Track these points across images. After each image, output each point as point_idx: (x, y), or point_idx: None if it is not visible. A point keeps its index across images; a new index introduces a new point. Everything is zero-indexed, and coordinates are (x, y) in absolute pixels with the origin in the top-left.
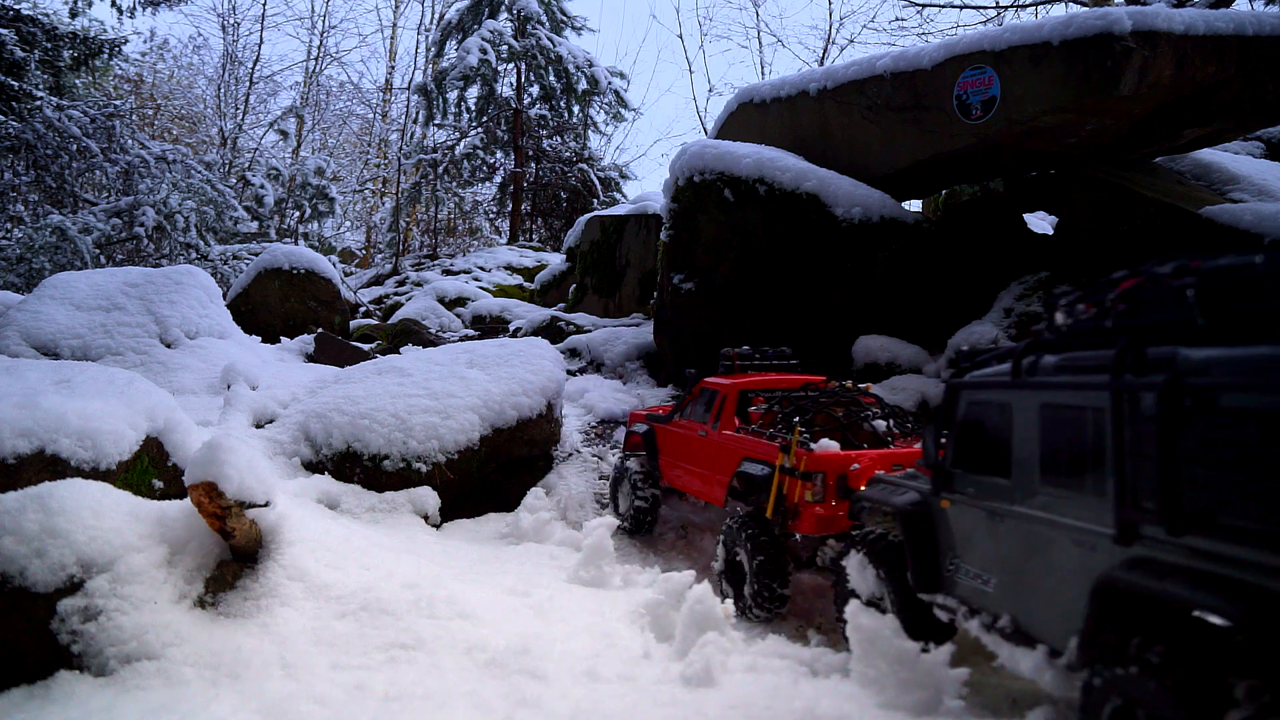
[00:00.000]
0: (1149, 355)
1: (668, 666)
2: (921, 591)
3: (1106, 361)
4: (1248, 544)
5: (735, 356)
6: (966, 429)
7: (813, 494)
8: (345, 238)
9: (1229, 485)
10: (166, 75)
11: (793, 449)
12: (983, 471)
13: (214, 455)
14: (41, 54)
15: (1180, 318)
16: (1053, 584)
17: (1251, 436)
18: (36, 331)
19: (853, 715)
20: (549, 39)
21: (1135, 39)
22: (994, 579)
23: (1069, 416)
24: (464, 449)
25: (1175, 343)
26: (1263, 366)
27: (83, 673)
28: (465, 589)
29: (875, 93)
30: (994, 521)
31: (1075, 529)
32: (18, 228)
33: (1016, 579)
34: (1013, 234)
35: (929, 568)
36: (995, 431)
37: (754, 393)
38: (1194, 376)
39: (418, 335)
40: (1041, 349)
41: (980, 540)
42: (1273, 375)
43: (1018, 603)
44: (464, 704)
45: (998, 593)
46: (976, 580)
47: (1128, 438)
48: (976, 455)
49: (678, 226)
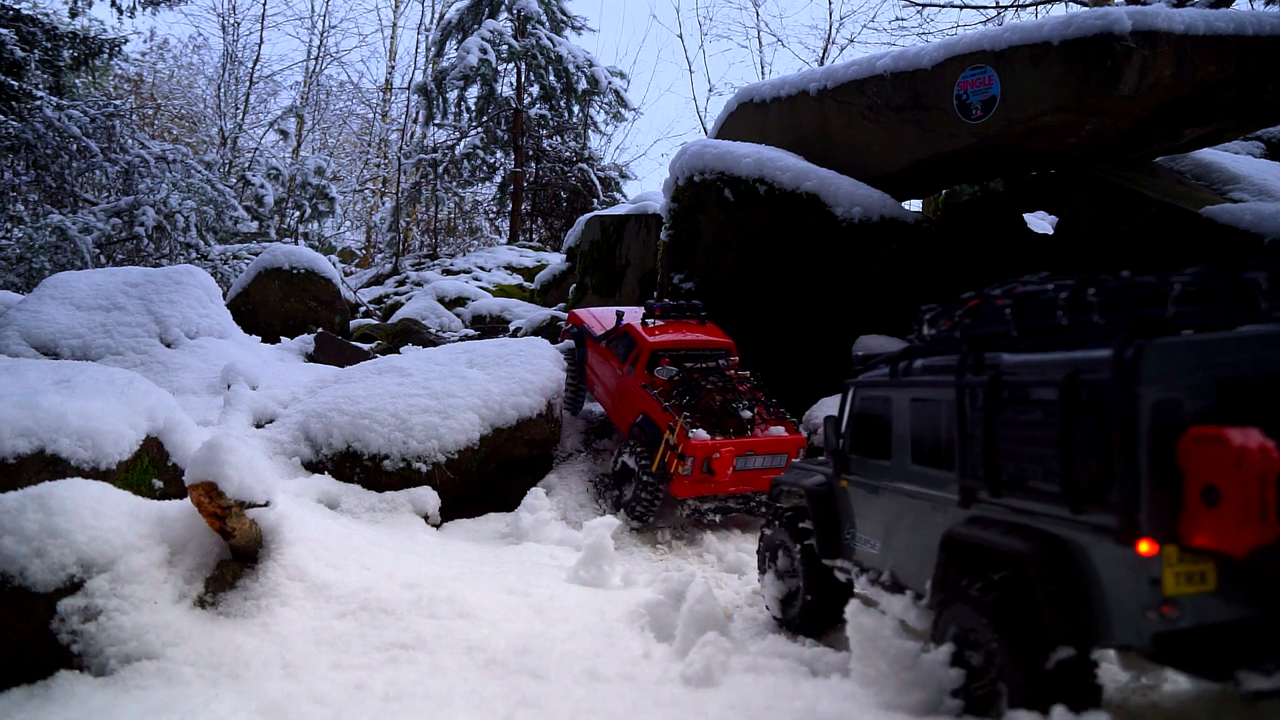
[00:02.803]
0: (984, 359)
1: (668, 666)
2: (825, 558)
3: (954, 364)
4: (1041, 501)
5: (658, 308)
6: (859, 420)
7: (685, 470)
8: (345, 238)
9: (1030, 457)
10: (166, 75)
11: (678, 432)
12: (871, 455)
13: (214, 455)
14: (41, 54)
15: (1003, 330)
16: (918, 543)
17: (1041, 419)
18: (36, 331)
19: (853, 715)
20: (549, 39)
21: (1135, 39)
22: (879, 542)
23: (929, 408)
24: (464, 449)
25: (1000, 350)
26: (1047, 366)
27: (83, 672)
28: (465, 589)
29: (875, 93)
30: (879, 495)
31: (934, 497)
32: (18, 228)
33: (894, 541)
34: (1013, 234)
35: (831, 537)
36: (879, 422)
37: (664, 352)
38: (1008, 375)
39: (418, 335)
40: (913, 354)
41: (869, 512)
42: (1054, 372)
43: (894, 560)
44: (464, 704)
45: (881, 553)
46: (866, 545)
47: (967, 423)
48: (866, 442)
49: (678, 226)
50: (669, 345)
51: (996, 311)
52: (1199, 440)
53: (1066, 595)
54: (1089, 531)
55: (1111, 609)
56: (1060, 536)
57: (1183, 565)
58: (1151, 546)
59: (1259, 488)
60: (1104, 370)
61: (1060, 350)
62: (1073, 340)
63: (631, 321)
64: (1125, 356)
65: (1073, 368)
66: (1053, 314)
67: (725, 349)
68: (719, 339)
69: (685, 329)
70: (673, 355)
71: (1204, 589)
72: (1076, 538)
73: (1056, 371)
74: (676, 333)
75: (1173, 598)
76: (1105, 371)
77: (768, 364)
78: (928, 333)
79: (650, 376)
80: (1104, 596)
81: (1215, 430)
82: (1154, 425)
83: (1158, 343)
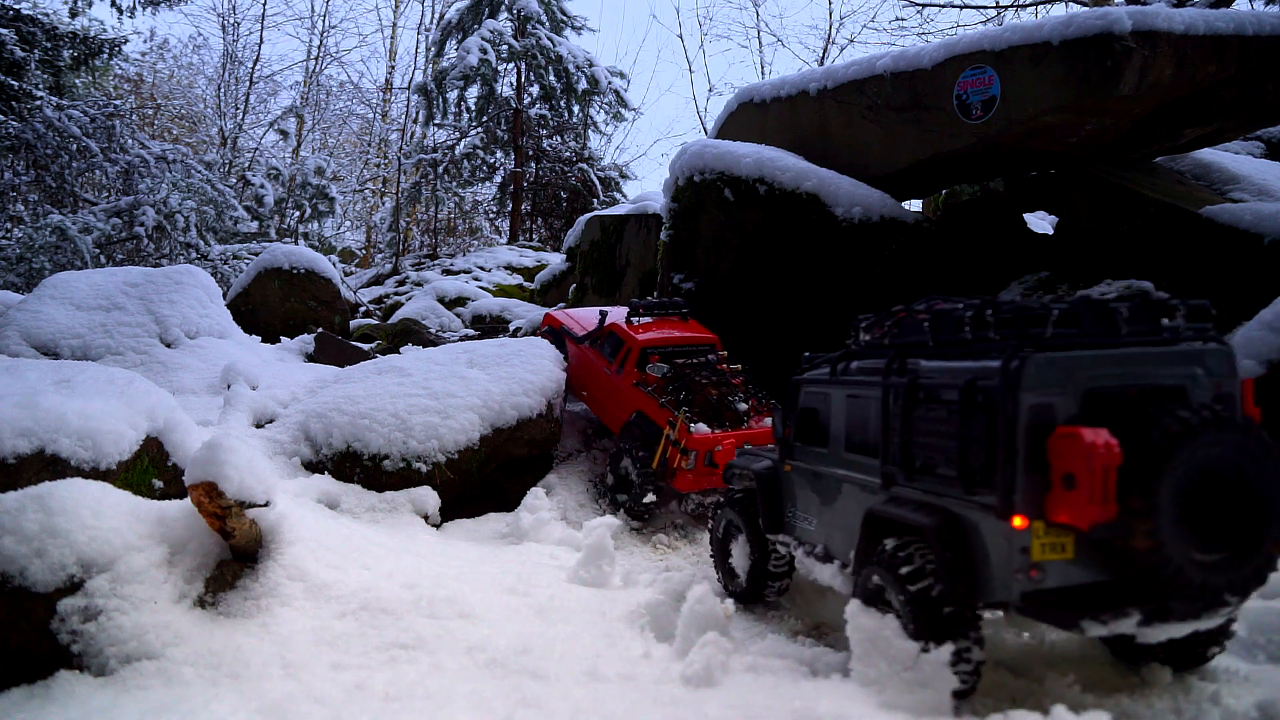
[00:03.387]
0: (906, 364)
1: (668, 666)
2: (769, 532)
3: (882, 367)
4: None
5: (640, 306)
6: (803, 413)
7: (688, 464)
8: (345, 238)
9: (936, 448)
10: (166, 75)
11: (679, 427)
12: (811, 443)
13: (214, 455)
14: (41, 54)
15: (922, 340)
16: (846, 519)
17: (946, 417)
18: (36, 331)
19: (852, 715)
20: (549, 39)
21: (1135, 39)
22: (815, 520)
23: (861, 404)
24: (464, 449)
25: (919, 357)
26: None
27: (83, 672)
28: (466, 589)
29: (875, 93)
30: (816, 479)
31: (861, 481)
32: (18, 228)
33: (827, 518)
34: (1013, 234)
35: (775, 515)
36: (820, 415)
37: (653, 350)
38: (923, 379)
39: (418, 335)
40: (850, 357)
41: (808, 493)
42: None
43: (827, 534)
44: (464, 704)
45: (816, 529)
46: (805, 521)
47: (889, 418)
48: (808, 432)
49: (678, 226)
50: (658, 343)
51: (917, 324)
52: (1063, 437)
53: (958, 560)
54: (977, 509)
55: (991, 571)
56: (956, 513)
57: (1048, 537)
58: (1023, 521)
59: (1103, 476)
60: (994, 378)
61: (964, 360)
62: (973, 352)
63: (616, 321)
64: (1010, 368)
65: (971, 375)
66: (961, 329)
67: (711, 344)
68: (704, 335)
69: (670, 326)
70: (662, 352)
71: (1064, 557)
72: (968, 514)
73: (958, 377)
74: (662, 330)
75: (1038, 563)
76: (995, 379)
77: (768, 363)
78: (863, 338)
79: (641, 374)
80: (986, 561)
81: (1075, 429)
82: (1030, 424)
83: (1037, 357)
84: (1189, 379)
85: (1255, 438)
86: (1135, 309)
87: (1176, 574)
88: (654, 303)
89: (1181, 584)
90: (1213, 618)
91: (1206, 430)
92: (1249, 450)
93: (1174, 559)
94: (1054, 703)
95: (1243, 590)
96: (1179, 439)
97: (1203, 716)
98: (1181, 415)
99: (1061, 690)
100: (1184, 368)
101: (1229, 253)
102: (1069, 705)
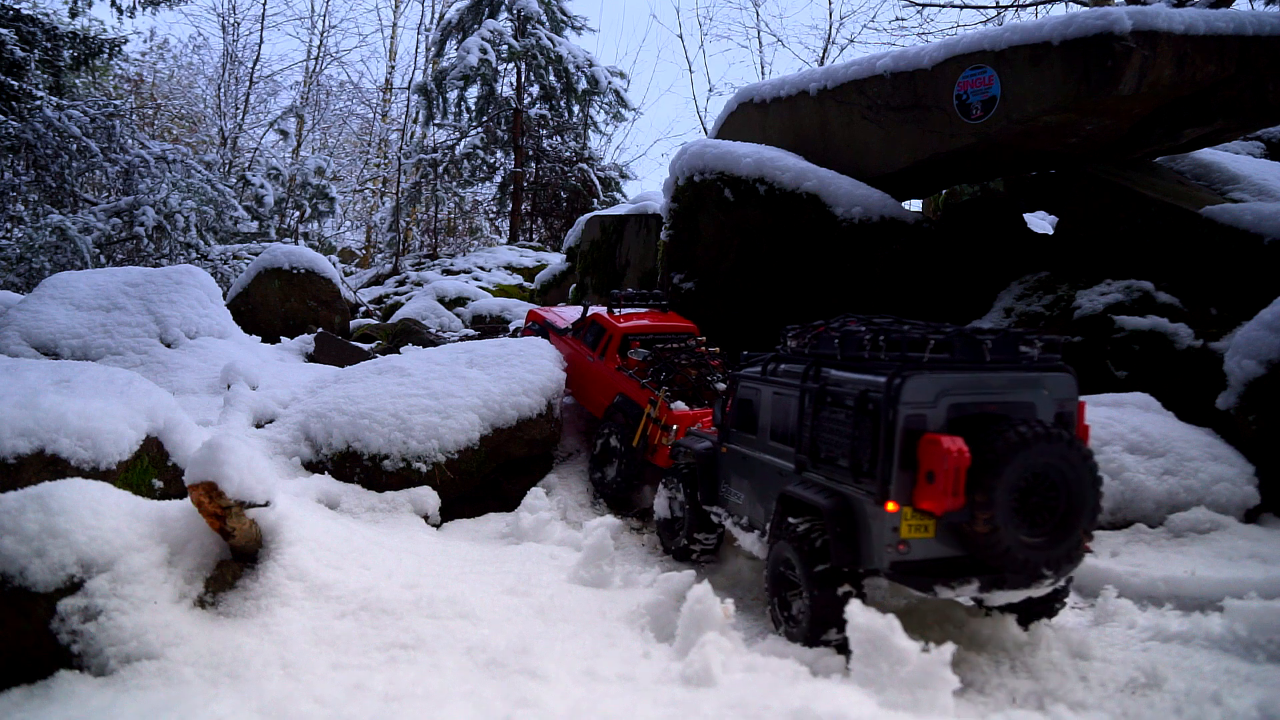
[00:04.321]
0: (820, 372)
1: (667, 666)
2: (705, 504)
3: (801, 372)
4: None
5: (621, 297)
6: (739, 404)
7: (668, 440)
8: (345, 237)
9: (837, 444)
10: (166, 75)
11: (659, 405)
12: (744, 430)
13: (214, 455)
14: (41, 54)
15: (833, 354)
16: (766, 496)
17: (844, 419)
18: (36, 331)
19: (851, 715)
20: (549, 39)
21: (1135, 39)
22: (743, 495)
23: (783, 401)
24: (464, 449)
25: (830, 367)
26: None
27: (83, 672)
28: (465, 589)
29: (875, 93)
30: (746, 461)
31: (779, 466)
32: (18, 228)
33: (752, 494)
34: (1013, 234)
35: (711, 489)
36: (752, 406)
37: (634, 336)
38: (831, 386)
39: (418, 335)
40: (778, 360)
41: (738, 472)
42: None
43: (751, 508)
44: (464, 703)
45: (743, 503)
46: (735, 496)
47: (804, 416)
48: (742, 420)
49: (678, 226)
50: (638, 330)
51: (830, 340)
52: (929, 442)
53: (846, 534)
54: (863, 494)
55: (871, 544)
56: (847, 496)
57: (914, 520)
58: (895, 506)
59: (955, 475)
60: (881, 391)
61: (861, 373)
62: (869, 367)
63: (598, 311)
64: (893, 384)
65: (864, 386)
66: (862, 348)
67: (689, 332)
68: (683, 323)
69: (649, 316)
70: (642, 339)
71: (926, 536)
72: (856, 498)
73: (855, 388)
74: (642, 319)
75: (906, 540)
76: (881, 392)
77: None
78: (790, 345)
79: (623, 360)
80: (867, 536)
81: (937, 437)
82: (905, 430)
83: (914, 377)
84: (1036, 399)
85: (1075, 449)
86: (999, 340)
87: (1007, 553)
88: (633, 294)
89: (1011, 561)
90: (1039, 587)
91: (1037, 442)
92: (1069, 459)
93: (1006, 541)
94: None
95: (1057, 567)
96: (1015, 448)
97: (1203, 716)
98: (1020, 430)
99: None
100: (1032, 390)
101: (1229, 253)
102: (1068, 705)
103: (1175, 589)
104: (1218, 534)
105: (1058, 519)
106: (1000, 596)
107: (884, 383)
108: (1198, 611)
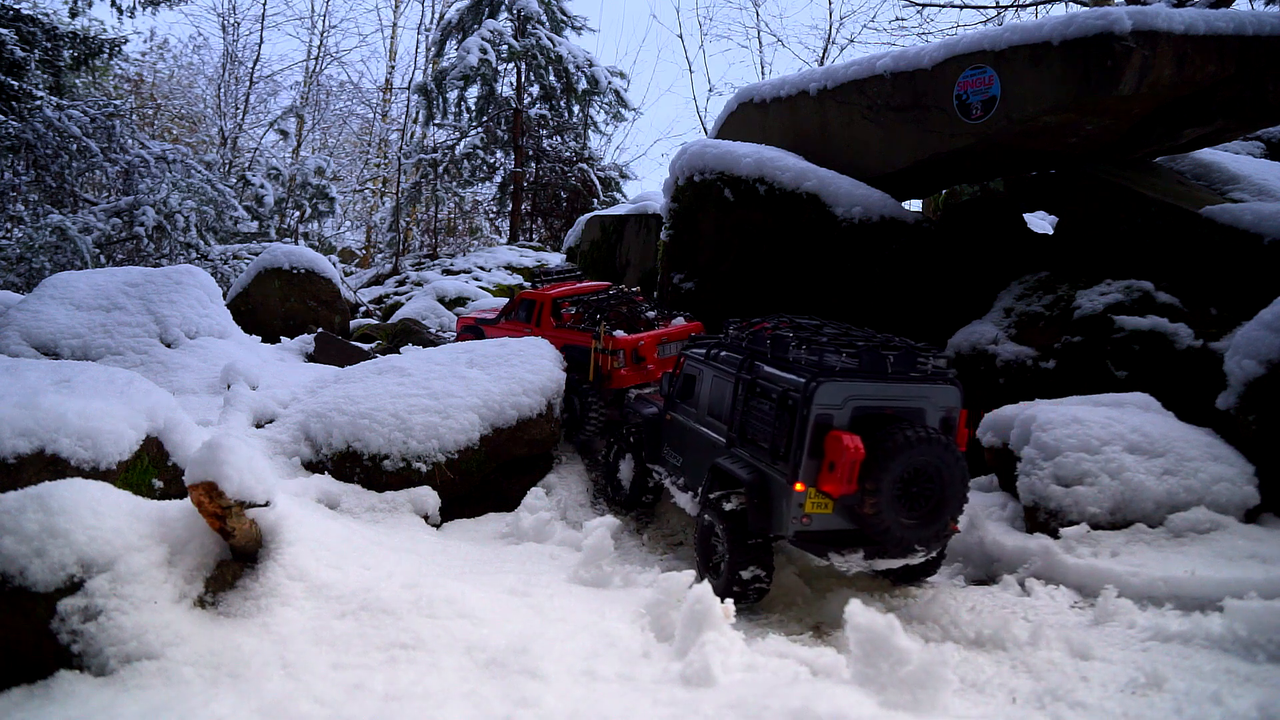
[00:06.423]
0: (753, 364)
1: (667, 666)
2: (649, 463)
3: (737, 361)
4: (762, 454)
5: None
6: (684, 378)
7: (618, 364)
8: (345, 237)
9: (760, 429)
10: (166, 75)
11: (603, 336)
12: (686, 403)
13: (214, 455)
14: (41, 54)
15: (765, 350)
16: (701, 464)
17: (769, 410)
18: (36, 331)
19: (851, 715)
20: (549, 39)
21: (1135, 39)
22: (682, 459)
23: (720, 383)
24: (464, 449)
25: (763, 361)
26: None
27: (83, 672)
28: (465, 589)
29: (875, 93)
30: (685, 430)
31: (714, 439)
32: (18, 228)
33: (689, 459)
34: (1013, 234)
35: (655, 450)
36: (695, 383)
37: (561, 299)
38: (760, 379)
39: (418, 335)
40: (720, 346)
41: (679, 438)
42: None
43: (687, 472)
44: (463, 703)
45: (681, 465)
46: (673, 458)
47: (736, 400)
48: (685, 393)
49: (678, 226)
50: (564, 294)
51: (764, 338)
52: (833, 438)
53: (762, 506)
54: (778, 474)
55: (781, 515)
56: (766, 474)
57: (816, 499)
58: (802, 487)
59: (850, 466)
60: (799, 391)
61: (784, 372)
62: (791, 368)
63: (524, 290)
64: (809, 386)
65: (786, 384)
66: (788, 350)
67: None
68: (601, 285)
69: (570, 285)
70: (570, 299)
71: (825, 511)
72: (772, 476)
73: (779, 384)
74: (564, 287)
75: (809, 514)
76: (799, 392)
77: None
78: (732, 333)
79: (557, 319)
80: (779, 508)
81: (839, 433)
82: (815, 426)
83: (825, 382)
84: (926, 405)
85: (949, 450)
86: (900, 355)
87: (887, 530)
88: (552, 269)
89: (890, 537)
90: (914, 558)
91: (920, 443)
92: (944, 458)
93: (887, 521)
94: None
95: (928, 543)
96: (901, 447)
97: (1203, 716)
98: (906, 433)
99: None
100: (923, 398)
101: (1229, 253)
102: (1068, 704)
103: (1175, 589)
104: (1217, 534)
105: (931, 505)
106: (881, 564)
107: (803, 384)
108: (1198, 611)
